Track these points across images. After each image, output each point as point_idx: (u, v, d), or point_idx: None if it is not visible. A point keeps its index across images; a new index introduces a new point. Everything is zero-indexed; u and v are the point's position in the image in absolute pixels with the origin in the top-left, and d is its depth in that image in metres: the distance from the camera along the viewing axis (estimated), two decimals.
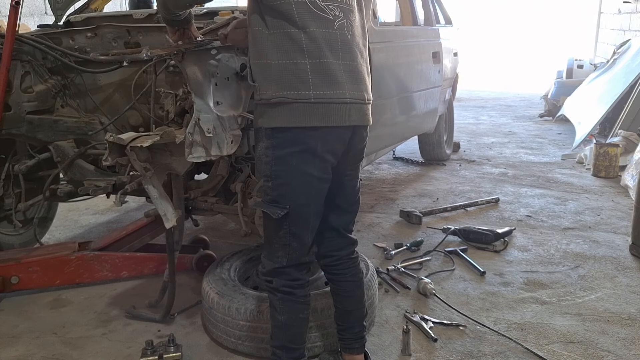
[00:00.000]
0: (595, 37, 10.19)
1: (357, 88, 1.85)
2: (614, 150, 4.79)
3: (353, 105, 1.83)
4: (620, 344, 2.34)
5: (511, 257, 3.23)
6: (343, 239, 2.04)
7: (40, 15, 5.70)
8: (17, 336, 2.47)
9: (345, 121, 1.81)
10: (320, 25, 1.76)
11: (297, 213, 1.83)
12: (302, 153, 1.78)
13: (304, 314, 1.94)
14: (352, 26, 1.85)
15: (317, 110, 1.75)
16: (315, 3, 1.76)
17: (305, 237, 1.88)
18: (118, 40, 2.64)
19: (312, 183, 1.82)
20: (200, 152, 2.07)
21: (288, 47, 1.74)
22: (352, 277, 2.06)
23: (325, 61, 1.76)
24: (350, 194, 2.01)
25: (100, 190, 2.71)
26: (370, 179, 4.92)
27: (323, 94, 1.76)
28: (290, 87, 1.74)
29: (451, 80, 5.16)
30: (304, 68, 1.74)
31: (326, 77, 1.77)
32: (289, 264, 1.88)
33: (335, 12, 1.79)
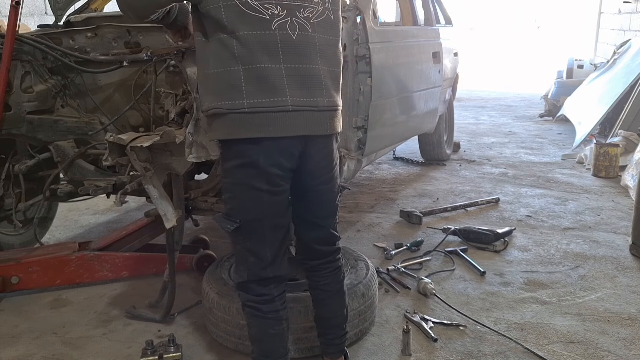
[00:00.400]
0: (595, 37, 10.19)
1: (307, 94, 1.69)
2: (614, 150, 4.79)
3: (299, 114, 1.67)
4: (620, 344, 2.34)
5: (511, 257, 3.23)
6: (314, 251, 1.96)
7: (40, 15, 5.70)
8: (17, 336, 2.47)
9: (287, 131, 1.66)
10: (254, 27, 1.62)
11: (249, 227, 1.75)
12: (245, 167, 1.68)
13: (274, 330, 1.84)
14: (305, 25, 1.69)
15: (253, 121, 1.63)
16: (247, 3, 1.61)
17: (262, 252, 1.78)
18: (118, 40, 2.64)
19: (261, 197, 1.71)
20: (201, 152, 2.07)
21: (222, 55, 1.64)
22: (324, 286, 1.99)
23: (259, 66, 1.63)
24: (320, 208, 1.89)
25: (100, 190, 2.71)
26: (370, 179, 4.92)
27: (258, 102, 1.63)
28: (225, 96, 1.64)
29: (451, 80, 5.16)
30: (237, 75, 1.62)
31: (261, 83, 1.63)
32: (250, 279, 1.81)
33: (272, 10, 1.64)
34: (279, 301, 1.86)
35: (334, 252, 1.99)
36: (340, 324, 2.05)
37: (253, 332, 1.88)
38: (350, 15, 2.99)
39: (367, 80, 3.06)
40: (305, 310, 2.21)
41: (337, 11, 1.82)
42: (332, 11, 1.79)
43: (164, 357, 2.19)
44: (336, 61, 1.81)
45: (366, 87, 3.06)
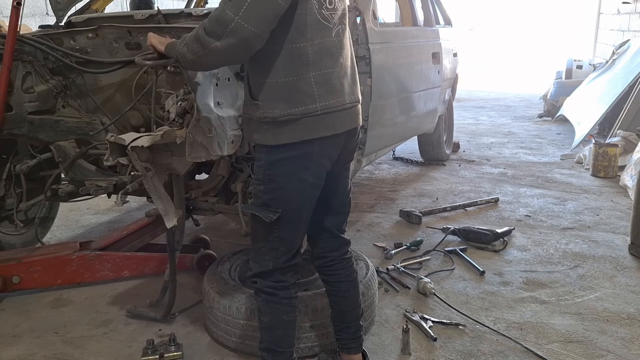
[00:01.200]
0: (594, 38, 10.20)
1: (354, 90, 1.86)
2: (613, 151, 4.80)
3: (351, 110, 1.84)
4: (619, 343, 2.35)
5: (510, 257, 3.24)
6: (336, 239, 2.04)
7: (41, 16, 5.70)
8: (18, 336, 2.48)
9: (345, 127, 1.82)
10: (324, 35, 1.75)
11: (288, 218, 1.81)
12: (298, 159, 1.76)
13: (288, 317, 1.91)
14: (345, 30, 1.85)
15: (323, 121, 1.75)
16: (322, 13, 1.73)
17: (294, 242, 1.87)
18: (119, 41, 2.64)
19: (306, 189, 1.80)
20: (201, 152, 2.08)
21: (295, 63, 1.71)
22: (346, 277, 2.06)
23: (327, 71, 1.75)
24: (343, 195, 2.02)
25: (101, 190, 2.71)
26: (370, 179, 4.93)
27: (328, 104, 1.76)
28: (298, 103, 1.72)
29: (451, 81, 5.17)
30: (309, 82, 1.72)
31: (329, 86, 1.76)
32: (275, 267, 1.86)
33: (335, 20, 1.78)
34: (293, 289, 1.93)
35: (349, 242, 2.09)
36: (360, 316, 2.11)
37: (267, 320, 1.91)
38: (350, 16, 3.00)
39: (367, 80, 3.07)
40: (306, 310, 2.22)
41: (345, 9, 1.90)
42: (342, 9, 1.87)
43: (165, 356, 2.19)
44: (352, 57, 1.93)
45: (366, 88, 3.07)
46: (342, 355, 2.12)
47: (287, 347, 1.93)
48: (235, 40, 1.61)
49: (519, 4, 22.28)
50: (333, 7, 1.77)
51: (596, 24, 10.11)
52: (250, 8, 1.58)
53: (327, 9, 1.74)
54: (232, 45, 1.63)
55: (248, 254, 2.72)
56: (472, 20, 20.98)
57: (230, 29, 1.60)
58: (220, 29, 1.61)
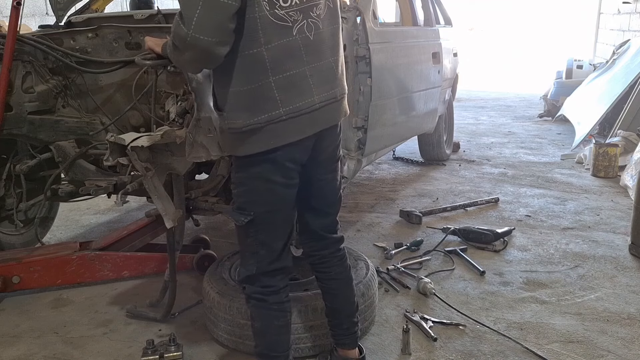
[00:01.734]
0: (594, 38, 10.19)
1: (328, 87, 1.77)
2: (613, 150, 4.80)
3: (323, 108, 1.76)
4: (619, 343, 2.35)
5: (511, 257, 3.24)
6: (324, 240, 2.01)
7: (41, 16, 5.70)
8: (18, 336, 2.48)
9: (317, 127, 1.76)
10: (281, 36, 1.65)
11: (262, 220, 1.79)
12: (263, 162, 1.72)
13: (279, 322, 1.88)
14: (317, 23, 1.73)
15: (290, 126, 1.69)
16: (275, 13, 1.62)
17: (273, 244, 1.83)
18: (119, 41, 2.65)
19: (275, 190, 1.76)
20: (201, 152, 2.08)
21: (253, 70, 1.64)
22: (336, 275, 2.03)
23: (290, 73, 1.67)
24: (327, 196, 1.96)
25: (101, 190, 2.71)
26: (371, 179, 4.93)
27: (293, 107, 1.68)
28: (261, 110, 1.66)
29: (451, 81, 5.17)
30: (269, 87, 1.65)
31: (293, 89, 1.68)
32: (259, 271, 1.84)
33: (294, 17, 1.66)
34: (283, 293, 1.90)
35: (340, 240, 2.06)
36: (354, 312, 2.09)
37: (258, 325, 1.90)
38: (350, 15, 3.00)
39: (367, 80, 3.07)
40: (306, 310, 2.22)
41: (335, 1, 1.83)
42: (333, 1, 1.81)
43: (165, 356, 2.19)
44: (339, 48, 1.85)
45: (366, 88, 3.07)
46: (339, 350, 2.11)
47: (282, 352, 1.91)
48: (197, 53, 1.59)
49: (519, 4, 22.28)
50: (289, 4, 1.65)
51: (596, 23, 10.11)
52: (200, 19, 1.53)
53: (281, 8, 1.63)
54: (196, 57, 1.61)
55: None
56: (472, 20, 20.98)
57: (187, 43, 1.56)
58: (181, 44, 1.59)
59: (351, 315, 2.08)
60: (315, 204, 1.95)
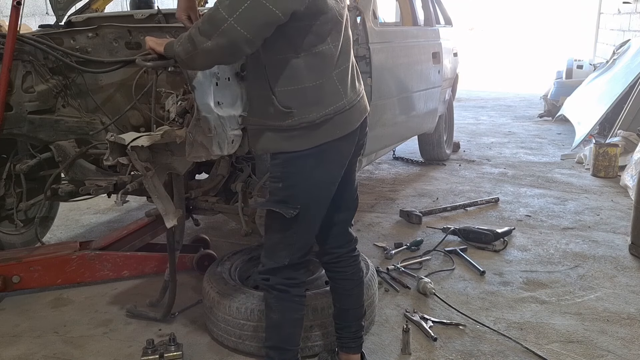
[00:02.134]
0: (594, 38, 10.19)
1: (359, 82, 1.90)
2: (613, 150, 4.80)
3: (361, 99, 1.88)
4: (619, 343, 2.35)
5: (511, 257, 3.24)
6: (344, 235, 2.05)
7: (41, 16, 5.71)
8: (18, 335, 2.48)
9: (361, 117, 1.87)
10: (340, 31, 1.77)
11: (305, 214, 1.82)
12: (315, 156, 1.77)
13: (298, 314, 1.92)
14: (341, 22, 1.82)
15: (350, 115, 1.80)
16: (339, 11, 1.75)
17: (310, 237, 1.90)
18: (119, 41, 2.64)
19: (322, 186, 1.83)
20: (201, 152, 2.08)
21: (320, 66, 1.73)
22: (351, 275, 2.06)
23: (343, 67, 1.79)
24: (352, 190, 2.03)
25: (101, 189, 2.71)
26: (371, 178, 4.93)
27: (350, 98, 1.80)
28: (328, 103, 1.75)
29: (451, 81, 5.17)
30: (332, 81, 1.76)
31: (347, 81, 1.80)
32: (291, 263, 1.87)
33: (344, 14, 1.79)
34: (303, 287, 1.96)
35: (356, 240, 2.09)
36: (362, 316, 2.10)
37: (276, 317, 1.90)
38: (351, 15, 3.00)
39: (367, 80, 3.07)
40: (306, 310, 2.21)
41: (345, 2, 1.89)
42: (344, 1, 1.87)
43: (165, 356, 2.19)
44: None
45: (366, 88, 3.05)
46: (341, 354, 2.12)
47: (294, 346, 1.94)
48: (226, 42, 1.60)
49: (519, 3, 22.28)
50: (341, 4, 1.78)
51: (597, 23, 10.11)
52: (246, 12, 1.56)
53: (339, 6, 1.75)
54: (221, 46, 1.61)
55: (248, 254, 2.73)
56: (472, 20, 20.98)
57: (222, 29, 1.58)
58: (212, 28, 1.60)
59: (360, 318, 2.09)
60: (343, 197, 1.99)
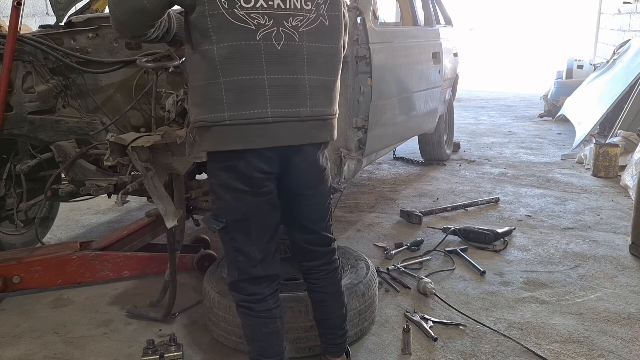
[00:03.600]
0: (595, 38, 10.19)
1: (290, 104, 1.67)
2: (613, 150, 4.80)
3: (280, 125, 1.66)
4: (620, 343, 2.35)
5: (511, 257, 3.24)
6: (309, 253, 1.96)
7: (41, 16, 5.71)
8: (18, 335, 2.48)
9: (268, 142, 1.66)
10: (238, 37, 1.59)
11: (236, 227, 1.77)
12: (227, 169, 1.71)
13: (267, 329, 1.86)
14: (292, 34, 1.66)
15: (234, 133, 1.64)
16: (233, 13, 1.58)
17: (250, 251, 1.79)
18: (119, 41, 2.65)
19: (244, 198, 1.73)
20: (201, 152, 2.08)
21: (204, 67, 1.63)
22: (321, 288, 1.99)
23: (241, 78, 1.61)
24: (311, 212, 1.89)
25: (101, 190, 2.72)
26: (371, 178, 4.93)
27: (238, 114, 1.63)
28: (209, 109, 1.65)
29: (451, 81, 5.17)
30: (218, 88, 1.62)
31: (242, 95, 1.62)
32: (240, 277, 1.83)
33: (259, 20, 1.61)
34: (271, 300, 1.87)
35: (329, 253, 1.99)
36: (339, 324, 2.06)
37: (248, 332, 1.91)
38: (351, 15, 3.00)
39: (367, 80, 3.07)
40: (306, 310, 2.21)
41: (336, 17, 1.76)
42: (329, 17, 1.73)
43: (165, 356, 2.19)
44: (328, 69, 1.76)
45: (366, 88, 3.07)
46: (327, 356, 2.11)
47: (273, 356, 1.90)
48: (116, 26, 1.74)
49: (519, 3, 22.28)
50: (252, 5, 1.60)
51: (597, 23, 10.11)
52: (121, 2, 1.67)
53: (242, 8, 1.59)
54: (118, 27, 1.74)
55: None
56: (472, 20, 20.98)
57: (110, 12, 1.71)
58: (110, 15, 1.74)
59: (335, 327, 2.05)
60: (297, 218, 1.90)
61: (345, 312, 2.07)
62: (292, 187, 1.82)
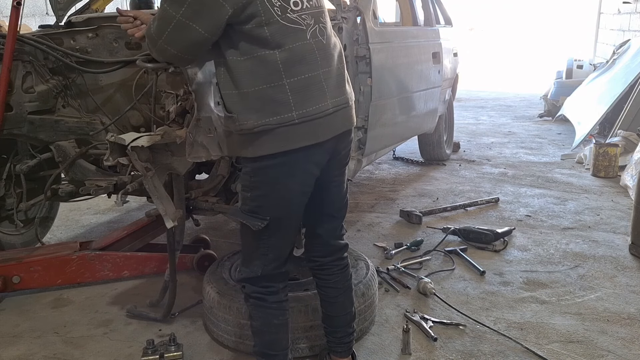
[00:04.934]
0: (594, 38, 10.19)
1: (340, 92, 1.79)
2: (613, 150, 4.80)
3: (337, 113, 1.76)
4: (619, 343, 2.35)
5: (511, 257, 3.24)
6: (328, 246, 2.00)
7: (41, 16, 5.71)
8: (18, 335, 2.48)
9: (330, 133, 1.75)
10: (295, 39, 1.67)
11: (276, 225, 1.78)
12: (283, 166, 1.72)
13: (278, 320, 1.88)
14: (325, 29, 1.77)
15: (302, 130, 1.69)
16: (287, 17, 1.66)
17: (282, 249, 1.85)
18: (119, 41, 2.64)
19: (293, 197, 1.77)
20: (201, 152, 2.08)
21: (261, 72, 1.65)
22: (334, 284, 2.02)
23: (304, 77, 1.68)
24: (336, 200, 1.96)
25: (101, 190, 2.71)
26: (371, 178, 4.93)
27: (306, 111, 1.68)
28: (272, 112, 1.66)
29: (451, 81, 5.17)
30: (282, 90, 1.66)
31: (307, 93, 1.69)
32: (264, 273, 1.85)
33: (307, 20, 1.70)
34: (282, 293, 1.91)
35: (344, 248, 2.05)
36: (349, 321, 2.07)
37: (257, 324, 1.90)
38: (351, 15, 3.00)
39: (367, 80, 3.07)
40: (306, 310, 2.21)
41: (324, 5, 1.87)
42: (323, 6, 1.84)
43: (165, 356, 2.19)
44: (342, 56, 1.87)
45: (366, 88, 3.07)
46: (332, 356, 2.11)
47: (280, 350, 1.91)
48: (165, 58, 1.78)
49: (519, 3, 22.28)
50: (300, 7, 1.69)
51: (597, 23, 10.11)
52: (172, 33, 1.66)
53: (293, 12, 1.67)
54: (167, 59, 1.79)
55: None
56: (472, 20, 20.98)
57: (157, 49, 1.73)
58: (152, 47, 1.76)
59: (346, 325, 2.06)
60: (324, 207, 1.95)
61: (354, 310, 2.09)
62: (327, 176, 1.87)
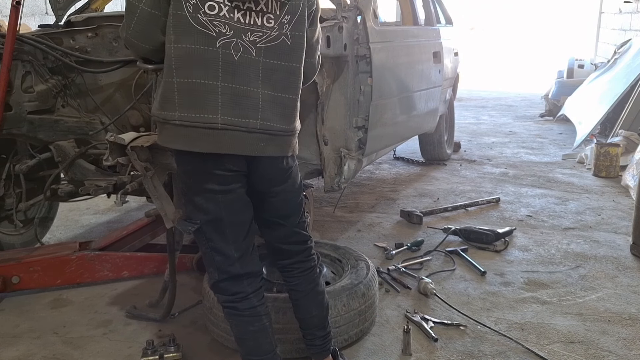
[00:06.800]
0: (596, 37, 10.19)
1: (239, 114, 1.69)
2: (614, 150, 4.79)
3: (228, 132, 1.68)
4: (621, 344, 2.34)
5: (512, 257, 3.23)
6: (281, 251, 1.98)
7: (41, 15, 5.71)
8: (18, 336, 2.47)
9: (214, 148, 1.68)
10: (197, 41, 1.64)
11: (210, 228, 1.79)
12: (194, 171, 1.74)
13: (254, 327, 1.87)
14: (249, 48, 1.69)
15: (181, 133, 1.67)
16: (196, 17, 1.63)
17: (226, 250, 1.81)
18: (119, 40, 2.64)
19: (215, 197, 1.75)
20: None
21: (166, 64, 1.69)
22: (295, 286, 2.00)
23: (194, 81, 1.65)
24: (279, 208, 1.90)
25: (101, 190, 2.71)
26: (371, 178, 4.92)
27: (187, 116, 1.66)
28: (162, 106, 1.69)
29: (452, 80, 5.16)
30: (172, 87, 1.67)
31: (194, 98, 1.66)
32: (221, 277, 1.84)
33: (220, 28, 1.65)
34: (254, 298, 1.88)
35: (304, 251, 1.99)
36: (317, 324, 2.03)
37: (235, 332, 1.91)
38: (351, 15, 2.99)
39: (367, 80, 3.06)
40: None
41: (299, 37, 1.78)
42: (292, 37, 1.76)
43: (165, 357, 2.19)
44: (285, 86, 1.77)
45: (367, 87, 3.06)
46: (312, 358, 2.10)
47: (263, 354, 1.90)
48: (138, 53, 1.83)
49: (520, 3, 22.27)
50: (215, 12, 1.65)
51: (598, 23, 10.10)
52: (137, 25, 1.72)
53: (205, 14, 1.64)
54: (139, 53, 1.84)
55: None
56: (473, 19, 20.97)
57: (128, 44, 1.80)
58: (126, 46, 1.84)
59: (313, 327, 2.03)
60: (267, 215, 1.92)
61: (324, 313, 2.04)
62: (256, 186, 1.85)
